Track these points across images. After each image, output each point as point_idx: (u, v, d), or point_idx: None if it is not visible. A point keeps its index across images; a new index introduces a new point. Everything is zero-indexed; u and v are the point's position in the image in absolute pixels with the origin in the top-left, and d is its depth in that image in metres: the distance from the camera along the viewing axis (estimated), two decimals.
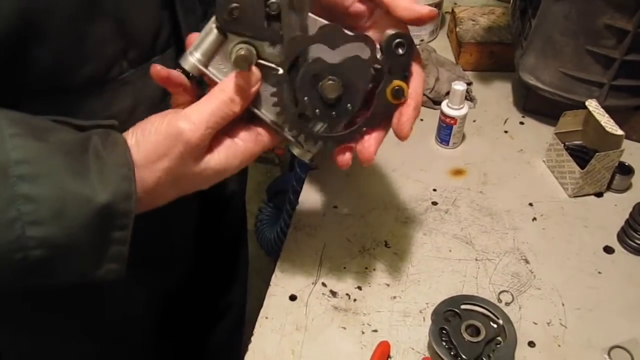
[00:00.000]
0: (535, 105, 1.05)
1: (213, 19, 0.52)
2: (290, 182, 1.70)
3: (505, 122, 1.06)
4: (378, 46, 0.56)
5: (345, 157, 0.60)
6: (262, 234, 1.95)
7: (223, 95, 0.52)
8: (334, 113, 0.56)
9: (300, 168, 1.57)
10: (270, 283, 0.79)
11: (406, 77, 0.57)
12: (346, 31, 0.55)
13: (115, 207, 0.47)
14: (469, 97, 1.07)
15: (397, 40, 0.55)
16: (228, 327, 1.09)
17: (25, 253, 0.45)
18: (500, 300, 0.77)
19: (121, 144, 0.50)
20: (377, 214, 0.88)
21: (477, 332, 0.70)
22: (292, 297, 0.77)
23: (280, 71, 0.54)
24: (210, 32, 0.52)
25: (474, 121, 1.05)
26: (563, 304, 0.77)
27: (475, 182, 0.94)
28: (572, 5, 0.89)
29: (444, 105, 0.97)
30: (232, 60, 0.52)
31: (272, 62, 0.54)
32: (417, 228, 0.86)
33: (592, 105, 0.90)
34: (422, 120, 1.05)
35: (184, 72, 0.54)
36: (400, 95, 0.57)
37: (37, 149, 0.45)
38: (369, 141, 0.59)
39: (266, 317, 0.75)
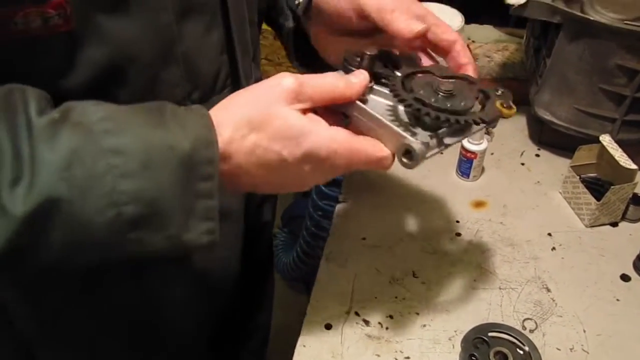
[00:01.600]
0: (550, 138, 1.11)
1: None
2: (306, 208, 1.75)
3: (522, 154, 1.11)
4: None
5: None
6: (278, 258, 2.00)
7: (338, 77, 0.56)
8: (448, 105, 0.57)
9: (318, 195, 1.63)
10: (306, 312, 0.84)
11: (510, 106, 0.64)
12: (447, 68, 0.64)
13: (197, 154, 0.48)
14: (486, 131, 1.12)
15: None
16: (254, 348, 1.13)
17: (118, 209, 0.46)
18: (524, 328, 0.81)
19: (198, 107, 0.52)
20: (404, 245, 0.93)
21: (504, 358, 0.74)
22: (328, 326, 0.82)
23: (398, 74, 0.61)
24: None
25: (492, 154, 1.10)
26: (584, 331, 0.81)
27: (495, 213, 0.99)
28: (586, 47, 0.94)
29: (464, 141, 1.02)
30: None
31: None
32: (443, 258, 0.91)
33: (606, 140, 0.95)
34: (442, 154, 1.10)
35: None
36: (509, 106, 0.63)
37: (117, 108, 0.48)
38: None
39: (304, 346, 0.80)
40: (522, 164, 1.09)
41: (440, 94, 0.58)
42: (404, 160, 0.56)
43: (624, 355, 0.78)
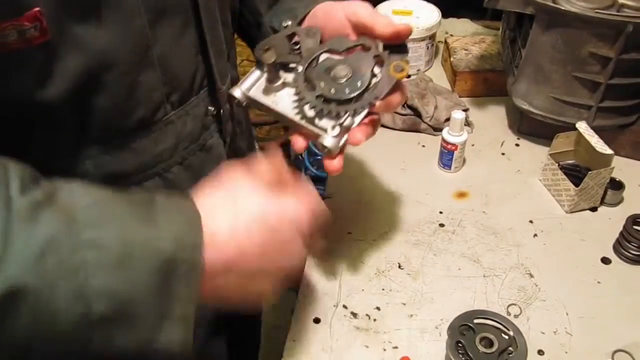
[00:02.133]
0: (529, 127, 1.12)
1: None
2: None
3: (502, 144, 1.13)
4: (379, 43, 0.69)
5: (334, 164, 0.67)
6: None
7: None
8: (347, 90, 0.65)
9: None
10: (295, 308, 0.85)
11: (405, 60, 0.68)
12: (348, 38, 0.69)
13: (180, 256, 0.46)
14: (466, 122, 1.14)
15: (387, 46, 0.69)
16: (246, 343, 1.13)
17: (87, 305, 0.43)
18: (509, 313, 0.83)
19: (187, 199, 0.51)
20: (389, 238, 0.94)
21: (490, 343, 0.76)
22: (316, 320, 0.83)
23: (300, 69, 0.67)
24: (252, 72, 0.69)
25: (473, 145, 1.12)
26: (567, 314, 0.83)
27: (478, 203, 1.01)
28: (559, 36, 0.96)
29: (445, 133, 1.04)
30: (262, 56, 0.65)
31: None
32: (427, 249, 0.92)
33: (582, 127, 0.97)
34: (424, 146, 1.12)
35: (234, 98, 0.68)
36: (400, 70, 0.66)
37: (105, 197, 0.47)
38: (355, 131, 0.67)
39: (294, 340, 0.81)
40: (503, 154, 1.11)
41: (339, 80, 0.65)
42: (324, 151, 0.65)
43: (606, 336, 0.80)
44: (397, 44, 0.68)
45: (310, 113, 0.66)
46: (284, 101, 0.68)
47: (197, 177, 0.71)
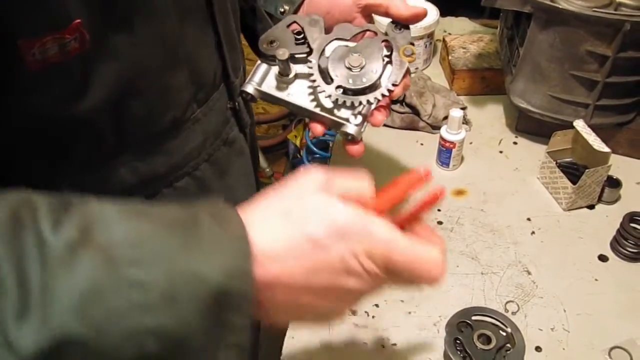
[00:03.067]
0: (526, 126, 1.13)
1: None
2: None
3: (500, 142, 1.13)
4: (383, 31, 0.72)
5: (358, 148, 0.67)
6: None
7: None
8: (364, 79, 0.67)
9: None
10: None
11: (412, 43, 0.70)
12: (354, 25, 0.71)
13: (229, 286, 0.42)
14: (464, 120, 1.15)
15: (395, 22, 0.72)
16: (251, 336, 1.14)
17: (139, 347, 0.40)
18: (507, 310, 0.83)
19: (235, 216, 0.45)
20: None
21: (488, 340, 0.76)
22: None
23: (313, 61, 0.68)
24: (259, 65, 0.70)
25: (471, 143, 1.12)
26: (565, 310, 0.84)
27: (476, 200, 1.01)
28: (556, 35, 0.97)
29: (443, 131, 1.04)
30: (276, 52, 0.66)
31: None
32: None
33: (580, 125, 0.97)
34: (422, 144, 1.12)
35: (247, 94, 0.69)
36: (410, 53, 0.69)
37: (142, 227, 0.42)
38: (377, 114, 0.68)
39: (293, 337, 0.81)
40: (501, 152, 1.11)
41: (354, 69, 0.67)
42: (348, 138, 0.67)
43: (603, 332, 0.81)
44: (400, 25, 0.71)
45: (329, 104, 0.67)
46: (298, 93, 0.68)
47: (223, 173, 0.73)
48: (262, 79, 0.69)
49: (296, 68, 0.69)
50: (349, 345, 0.80)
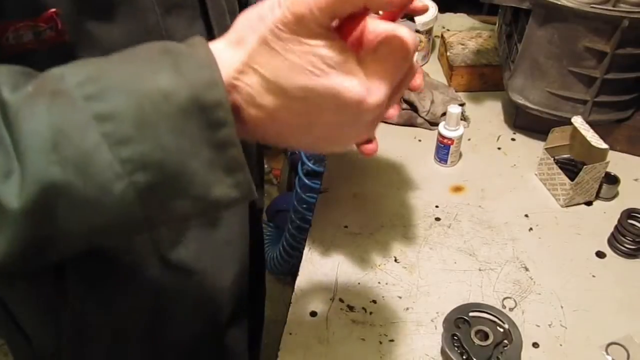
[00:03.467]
0: (525, 122, 1.13)
1: None
2: (291, 201, 1.77)
3: (498, 139, 1.13)
4: None
5: (373, 147, 0.60)
6: (265, 253, 2.01)
7: None
8: None
9: (302, 188, 1.64)
10: (291, 301, 0.85)
11: (418, 31, 0.66)
12: None
13: (200, 99, 0.40)
14: (463, 117, 1.14)
15: None
16: (251, 333, 1.14)
17: (125, 180, 0.40)
18: (504, 306, 0.83)
19: (197, 38, 0.44)
20: (385, 231, 0.95)
21: (485, 336, 0.76)
22: (313, 314, 0.83)
23: None
24: None
25: (469, 139, 1.12)
26: (562, 307, 0.84)
27: (474, 197, 1.01)
28: (555, 31, 0.97)
29: (441, 127, 1.04)
30: None
31: None
32: (423, 243, 0.93)
33: (578, 121, 0.97)
34: (420, 141, 1.12)
35: None
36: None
37: (98, 64, 0.42)
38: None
39: (290, 333, 0.81)
40: (499, 148, 1.11)
41: None
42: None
43: (601, 329, 0.81)
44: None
45: None
46: None
47: None
48: None
49: None
50: (346, 341, 0.80)
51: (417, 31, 0.67)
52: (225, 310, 0.86)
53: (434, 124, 1.13)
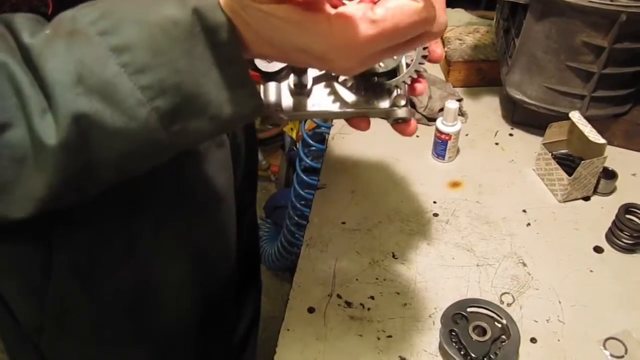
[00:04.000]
0: (522, 117, 1.13)
1: None
2: (289, 198, 1.77)
3: (496, 134, 1.13)
4: None
5: (412, 128, 0.61)
6: (263, 249, 2.01)
7: None
8: (394, 56, 0.58)
9: (300, 184, 1.64)
10: (289, 297, 0.85)
11: None
12: None
13: (204, 20, 0.44)
14: (460, 112, 1.14)
15: None
16: (243, 331, 1.14)
17: (149, 107, 0.44)
18: (502, 302, 0.83)
19: None
20: (383, 227, 0.95)
21: (483, 332, 0.76)
22: (311, 310, 0.83)
23: None
24: (268, 86, 0.60)
25: (467, 135, 1.12)
26: (560, 302, 0.84)
27: (471, 192, 1.01)
28: (552, 26, 0.96)
29: (438, 123, 1.04)
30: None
31: None
32: (421, 239, 0.93)
33: (575, 116, 0.97)
34: (418, 136, 1.12)
35: (274, 124, 0.60)
36: None
37: (104, 4, 0.45)
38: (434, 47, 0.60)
39: (288, 329, 0.81)
40: (497, 144, 1.11)
41: None
42: (398, 122, 0.61)
43: (598, 323, 0.81)
44: None
45: (364, 97, 0.61)
46: (321, 99, 0.61)
47: (202, 162, 0.74)
48: (277, 100, 0.59)
49: (305, 76, 0.61)
50: (344, 337, 0.80)
51: None
52: (213, 291, 0.86)
53: (431, 119, 1.13)
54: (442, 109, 1.09)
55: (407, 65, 0.60)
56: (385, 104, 0.61)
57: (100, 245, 0.69)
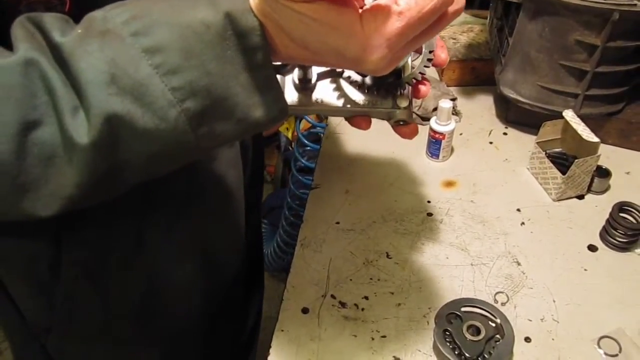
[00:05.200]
0: (516, 116, 1.13)
1: None
2: (285, 198, 1.76)
3: (490, 133, 1.13)
4: None
5: (412, 130, 0.62)
6: None
7: None
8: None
9: (295, 185, 1.64)
10: (283, 298, 0.85)
11: None
12: None
13: (236, 24, 0.44)
14: (454, 112, 1.14)
15: None
16: (248, 330, 1.14)
17: (179, 108, 0.44)
18: (496, 301, 0.83)
19: None
20: (377, 227, 0.94)
21: (477, 331, 0.76)
22: (305, 310, 0.83)
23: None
24: None
25: (461, 134, 1.12)
26: (554, 301, 0.84)
27: (465, 192, 1.01)
28: (545, 24, 0.96)
29: (432, 122, 1.03)
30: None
31: None
32: (415, 238, 0.93)
33: (569, 115, 0.97)
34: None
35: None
36: None
37: (135, 6, 0.45)
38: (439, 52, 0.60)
39: (282, 330, 0.81)
40: (491, 143, 1.11)
41: None
42: (400, 124, 0.61)
43: (593, 322, 0.81)
44: None
45: (367, 95, 0.60)
46: (325, 95, 0.61)
47: (212, 160, 0.75)
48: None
49: (309, 71, 0.60)
50: (338, 338, 0.79)
51: None
52: (221, 290, 0.86)
53: (425, 118, 1.13)
54: (436, 108, 1.09)
55: (412, 67, 0.60)
56: (388, 104, 0.61)
57: (109, 244, 0.69)
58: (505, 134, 1.13)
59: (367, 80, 0.60)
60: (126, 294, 0.73)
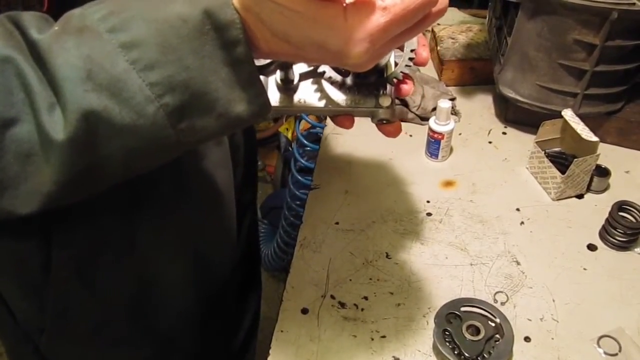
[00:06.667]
0: (515, 116, 1.13)
1: None
2: (284, 198, 1.76)
3: (489, 133, 1.13)
4: None
5: (395, 128, 0.62)
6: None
7: None
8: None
9: (295, 185, 1.64)
10: (283, 299, 0.85)
11: None
12: None
13: (214, 18, 0.43)
14: (453, 111, 1.14)
15: None
16: (243, 332, 1.14)
17: (157, 104, 0.44)
18: (496, 301, 0.83)
19: None
20: (376, 227, 0.94)
21: (477, 331, 0.76)
22: (304, 311, 0.83)
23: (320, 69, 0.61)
24: None
25: (460, 134, 1.12)
26: (554, 300, 0.83)
27: (465, 191, 1.01)
28: (544, 24, 0.96)
29: (431, 122, 1.03)
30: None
31: None
32: (414, 238, 0.93)
33: (568, 114, 0.97)
34: (411, 136, 1.12)
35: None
36: None
37: (113, 2, 0.45)
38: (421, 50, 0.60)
39: (281, 331, 0.81)
40: (490, 142, 1.11)
41: None
42: (383, 123, 0.61)
43: (592, 321, 0.81)
44: None
45: (349, 95, 0.61)
46: (307, 95, 0.61)
47: (201, 158, 0.75)
48: None
49: (291, 71, 0.61)
50: (337, 338, 0.79)
51: None
52: (213, 290, 0.86)
53: (424, 118, 1.13)
54: (435, 108, 1.09)
55: (396, 64, 0.60)
56: (370, 103, 0.61)
57: (100, 243, 0.68)
58: (504, 133, 1.13)
59: (349, 80, 0.60)
60: (118, 294, 0.73)
